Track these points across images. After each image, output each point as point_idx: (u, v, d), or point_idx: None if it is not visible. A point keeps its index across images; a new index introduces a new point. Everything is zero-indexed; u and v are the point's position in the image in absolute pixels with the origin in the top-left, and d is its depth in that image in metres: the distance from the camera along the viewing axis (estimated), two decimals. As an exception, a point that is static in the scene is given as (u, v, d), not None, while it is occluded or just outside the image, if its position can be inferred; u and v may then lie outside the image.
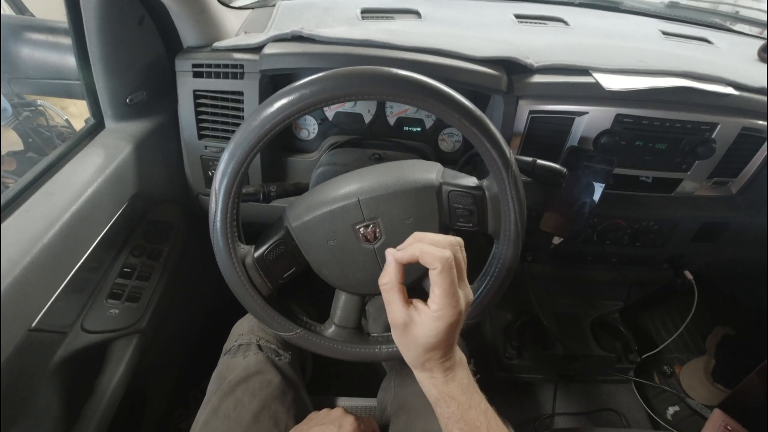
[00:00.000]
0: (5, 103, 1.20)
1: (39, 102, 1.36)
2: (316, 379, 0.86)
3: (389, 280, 0.41)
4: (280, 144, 0.82)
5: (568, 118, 0.75)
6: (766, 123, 0.76)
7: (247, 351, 0.70)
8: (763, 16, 1.26)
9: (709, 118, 0.75)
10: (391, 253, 0.41)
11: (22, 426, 0.56)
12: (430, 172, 0.53)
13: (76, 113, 1.43)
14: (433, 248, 0.39)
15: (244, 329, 0.74)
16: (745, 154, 0.81)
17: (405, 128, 0.83)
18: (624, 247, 0.90)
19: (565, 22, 0.95)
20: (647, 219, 0.85)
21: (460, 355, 0.44)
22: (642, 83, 0.68)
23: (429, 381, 0.43)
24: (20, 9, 1.17)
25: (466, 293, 0.41)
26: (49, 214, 0.57)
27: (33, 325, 0.54)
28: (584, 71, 0.73)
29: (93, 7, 0.59)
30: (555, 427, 1.15)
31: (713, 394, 1.18)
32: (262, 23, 0.84)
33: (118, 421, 0.66)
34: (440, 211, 0.52)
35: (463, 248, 0.42)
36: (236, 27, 0.83)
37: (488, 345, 1.25)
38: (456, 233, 0.57)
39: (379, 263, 0.53)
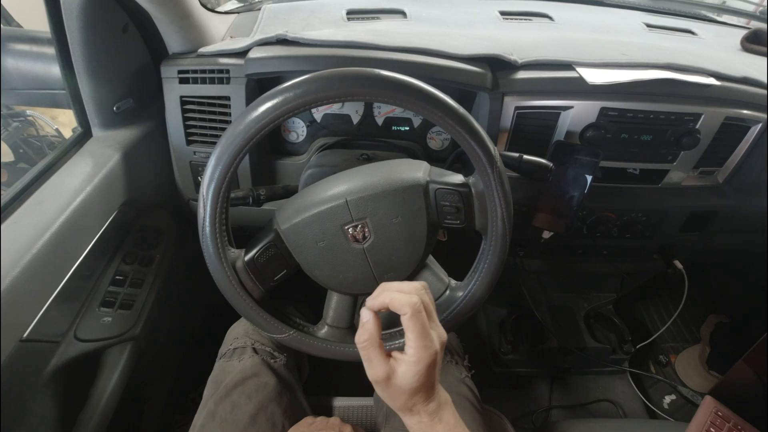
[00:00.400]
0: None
1: (28, 112, 1.36)
2: (312, 380, 0.86)
3: (369, 336, 0.41)
4: (270, 147, 0.83)
5: (554, 113, 0.76)
6: (749, 112, 0.77)
7: (242, 354, 0.70)
8: (749, 7, 1.28)
9: (692, 108, 0.76)
10: (366, 311, 0.42)
11: (17, 436, 0.56)
12: (416, 170, 0.53)
13: (65, 122, 1.42)
14: (401, 295, 0.41)
15: (238, 333, 0.74)
16: (729, 143, 0.82)
17: (393, 128, 0.83)
18: (614, 239, 0.91)
19: (550, 18, 0.96)
20: (636, 210, 0.86)
21: (444, 396, 0.45)
22: (624, 76, 0.69)
23: (417, 426, 0.43)
24: (7, 20, 1.16)
25: (439, 333, 0.42)
26: (38, 224, 0.57)
27: (25, 335, 0.54)
28: (568, 66, 0.73)
29: (75, 17, 0.59)
30: (552, 420, 1.16)
31: (709, 381, 1.19)
32: (247, 27, 0.84)
33: (115, 428, 0.66)
34: (428, 209, 0.53)
35: (429, 290, 0.44)
36: (222, 32, 0.83)
37: (483, 341, 1.26)
38: (444, 230, 0.58)
39: (369, 263, 0.54)
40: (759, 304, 1.14)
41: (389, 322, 0.79)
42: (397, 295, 0.41)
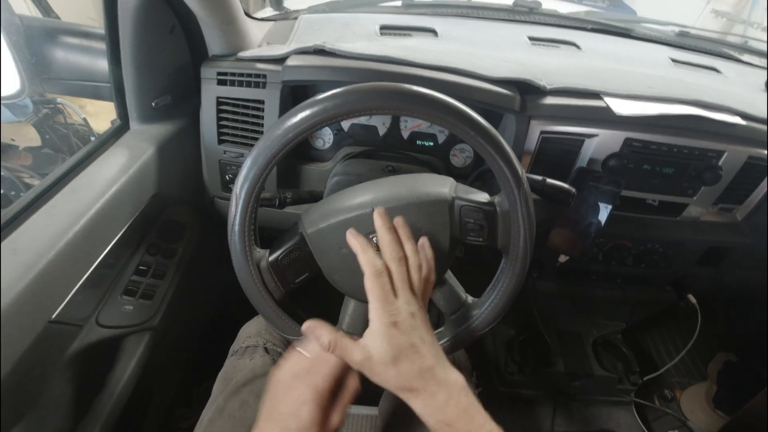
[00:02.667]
0: (27, 101, 1.23)
1: (59, 100, 1.40)
2: None
3: (328, 335, 0.42)
4: (296, 152, 0.85)
5: (578, 140, 0.77)
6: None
7: (254, 353, 0.71)
8: (771, 48, 1.28)
9: (716, 145, 0.76)
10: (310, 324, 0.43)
11: (35, 415, 0.57)
12: (443, 186, 0.55)
13: (92, 112, 1.46)
14: (369, 254, 0.42)
15: (251, 331, 0.75)
16: (750, 182, 0.83)
17: (418, 142, 0.85)
18: (629, 268, 0.91)
19: (577, 46, 0.97)
20: (653, 241, 0.87)
21: (455, 377, 0.42)
22: (652, 109, 0.70)
23: (423, 409, 0.41)
24: (46, 10, 1.21)
25: (407, 302, 0.42)
26: (74, 210, 0.59)
27: (53, 316, 0.55)
28: (595, 95, 0.75)
29: (129, 16, 0.62)
30: (553, 446, 1.14)
31: (714, 420, 1.17)
32: (283, 35, 0.87)
33: (125, 416, 0.67)
34: (452, 225, 0.54)
35: (428, 252, 0.46)
36: (259, 38, 0.86)
37: (490, 359, 1.25)
38: (466, 247, 0.59)
39: None
40: (769, 345, 1.13)
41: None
42: (369, 253, 0.42)
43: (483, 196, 0.55)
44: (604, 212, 0.76)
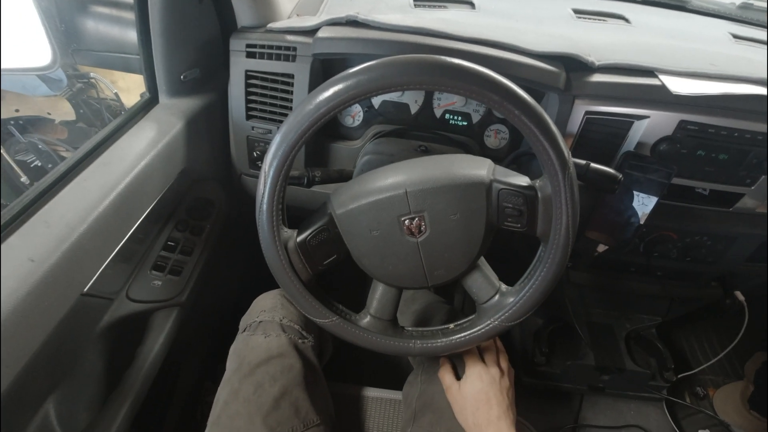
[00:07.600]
0: (61, 74, 1.24)
1: (91, 74, 1.41)
2: (334, 364, 0.84)
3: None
4: (324, 129, 0.82)
5: (627, 122, 0.71)
6: None
7: (268, 330, 0.67)
8: None
9: (783, 130, 0.69)
10: None
11: (69, 385, 0.59)
12: (480, 168, 0.51)
13: (124, 87, 1.47)
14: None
15: (266, 305, 0.71)
16: (817, 173, 0.75)
17: (451, 121, 0.81)
18: (672, 261, 0.86)
19: (627, 20, 0.90)
20: (701, 233, 0.81)
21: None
22: (714, 89, 0.64)
23: None
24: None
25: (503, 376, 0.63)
26: (105, 184, 0.59)
27: (85, 289, 0.56)
28: (649, 72, 0.69)
29: (158, -16, 0.60)
30: (578, 438, 1.12)
31: (748, 421, 1.13)
32: (313, 6, 0.84)
33: (155, 389, 0.68)
34: (488, 209, 0.51)
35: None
36: (288, 9, 0.83)
37: (516, 349, 1.22)
38: (502, 233, 0.56)
39: (422, 257, 0.52)
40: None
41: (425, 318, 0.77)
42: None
43: (523, 180, 0.51)
44: (650, 201, 0.71)
